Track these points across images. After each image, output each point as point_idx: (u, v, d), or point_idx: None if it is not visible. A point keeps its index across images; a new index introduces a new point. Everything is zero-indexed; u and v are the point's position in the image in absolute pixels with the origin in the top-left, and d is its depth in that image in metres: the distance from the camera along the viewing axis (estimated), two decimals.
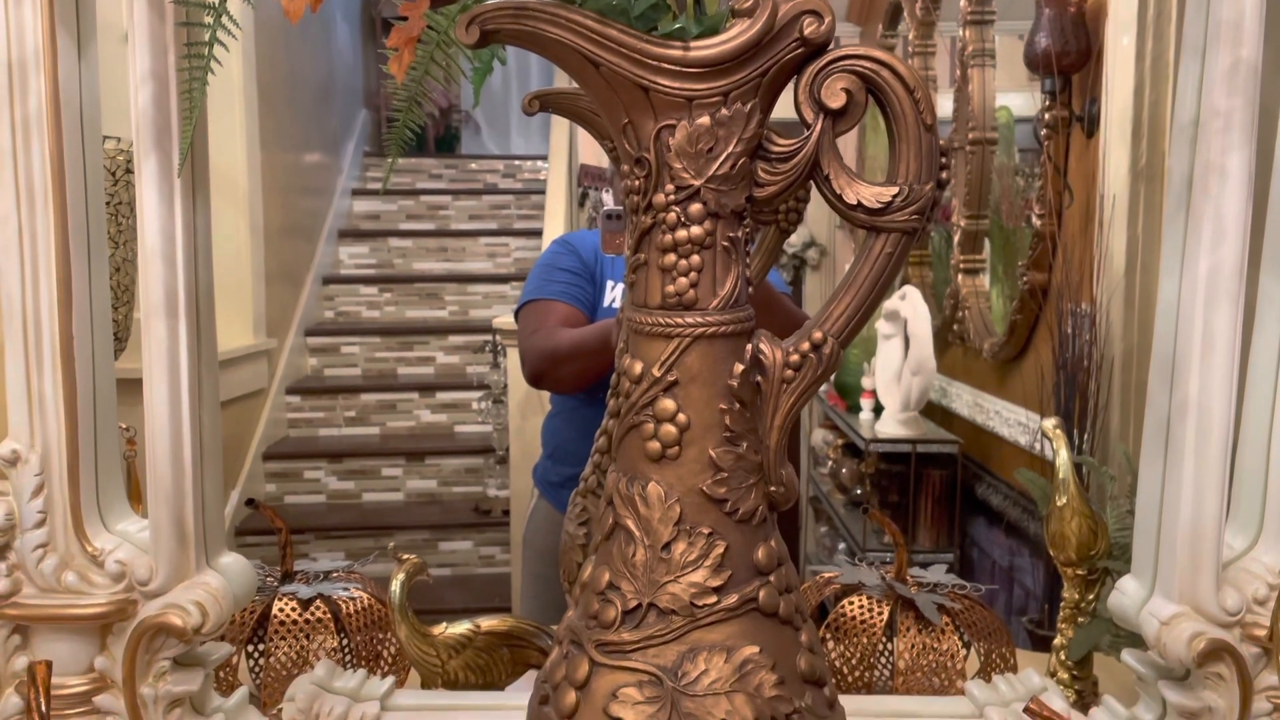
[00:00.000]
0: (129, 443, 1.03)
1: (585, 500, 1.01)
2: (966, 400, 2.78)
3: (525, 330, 1.71)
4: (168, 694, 0.78)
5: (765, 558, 0.59)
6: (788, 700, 0.57)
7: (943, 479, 2.64)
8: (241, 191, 3.53)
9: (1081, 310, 1.98)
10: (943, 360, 2.88)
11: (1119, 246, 1.90)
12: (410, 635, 1.00)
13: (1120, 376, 1.89)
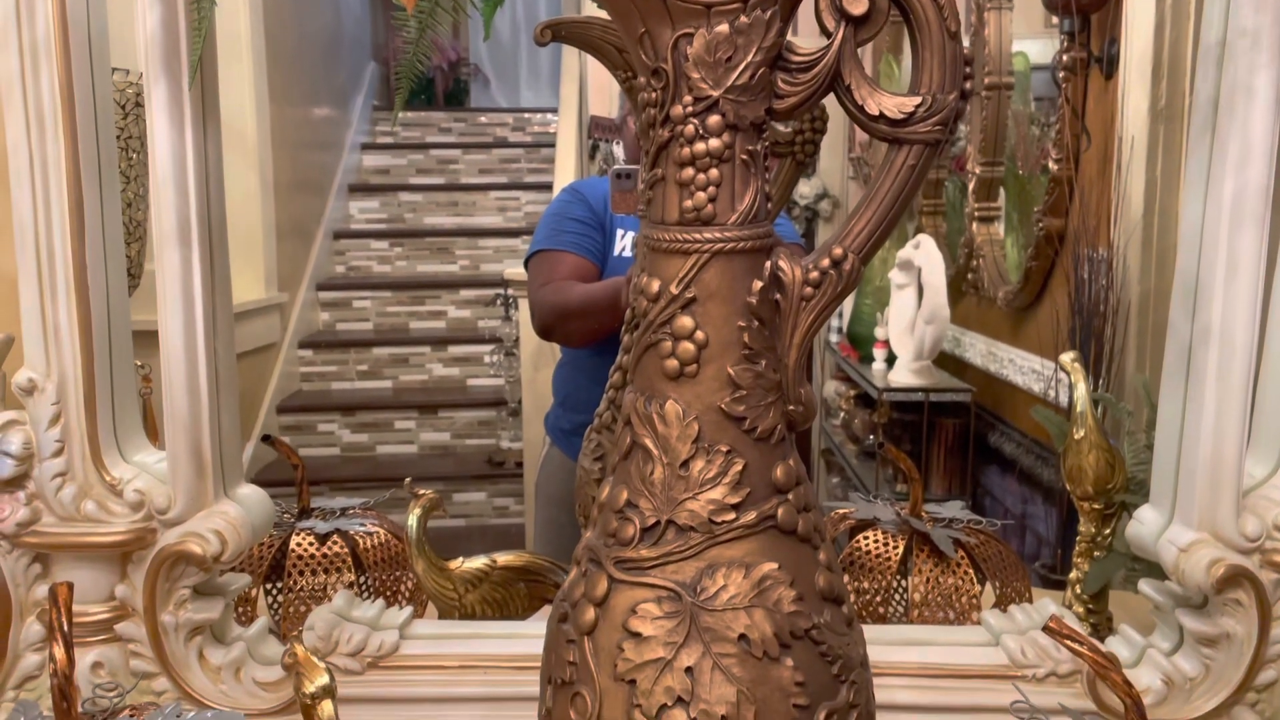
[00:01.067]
0: (144, 380, 1.03)
1: (600, 436, 1.00)
2: (980, 349, 2.77)
3: (535, 281, 1.70)
4: (188, 621, 0.79)
5: (784, 476, 0.58)
6: (806, 616, 0.57)
7: (955, 428, 2.63)
8: (251, 145, 3.51)
9: (1098, 255, 1.97)
10: (956, 310, 2.86)
11: (1137, 189, 1.88)
12: (427, 569, 1.01)
13: (1137, 320, 1.87)
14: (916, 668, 0.80)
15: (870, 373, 2.93)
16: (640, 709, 0.55)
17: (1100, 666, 0.59)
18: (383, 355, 3.87)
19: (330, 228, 4.30)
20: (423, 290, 4.12)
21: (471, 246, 4.34)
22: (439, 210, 4.54)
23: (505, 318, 3.47)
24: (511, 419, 3.49)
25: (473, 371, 3.87)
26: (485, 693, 0.80)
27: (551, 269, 1.68)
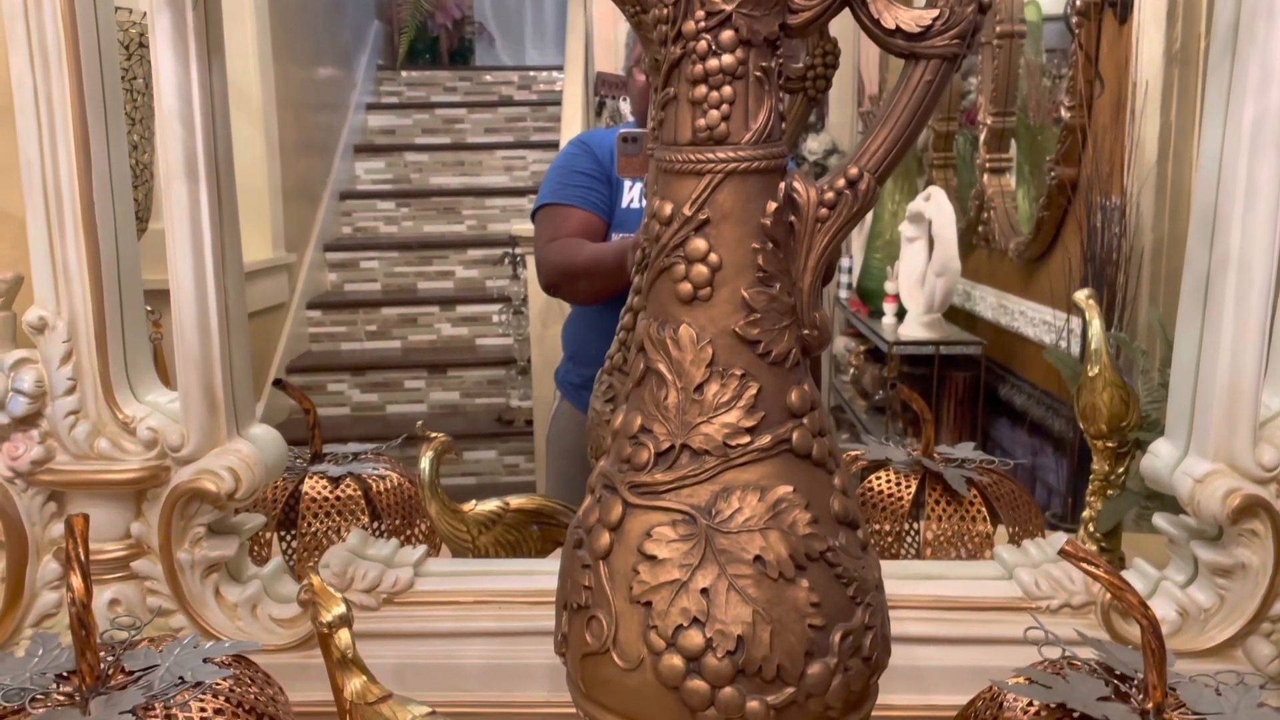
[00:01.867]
0: (155, 326, 1.03)
1: (611, 377, 1.00)
2: (990, 303, 2.76)
3: (541, 237, 1.69)
4: (204, 559, 0.79)
5: (798, 400, 0.58)
6: (821, 538, 0.56)
7: (965, 381, 2.63)
8: (255, 105, 3.50)
9: (1111, 202, 1.95)
10: (966, 263, 2.84)
11: (1151, 135, 1.86)
12: (441, 511, 1.01)
13: (1150, 267, 1.86)
14: (930, 600, 0.81)
15: (880, 327, 2.92)
16: (656, 630, 0.55)
17: (1116, 589, 0.59)
18: (391, 315, 3.87)
19: (336, 188, 4.29)
20: (430, 250, 4.11)
21: (478, 206, 4.33)
22: (445, 170, 4.52)
23: (513, 276, 3.46)
24: (520, 377, 3.50)
25: (481, 331, 3.87)
26: (500, 627, 0.81)
27: (558, 224, 1.67)
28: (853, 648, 0.57)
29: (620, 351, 0.99)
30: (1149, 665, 0.59)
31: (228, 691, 0.62)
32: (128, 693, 0.60)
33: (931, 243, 2.65)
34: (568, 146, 1.83)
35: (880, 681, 0.62)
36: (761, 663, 0.54)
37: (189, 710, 0.59)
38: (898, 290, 2.84)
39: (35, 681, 0.61)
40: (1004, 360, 2.65)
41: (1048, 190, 2.26)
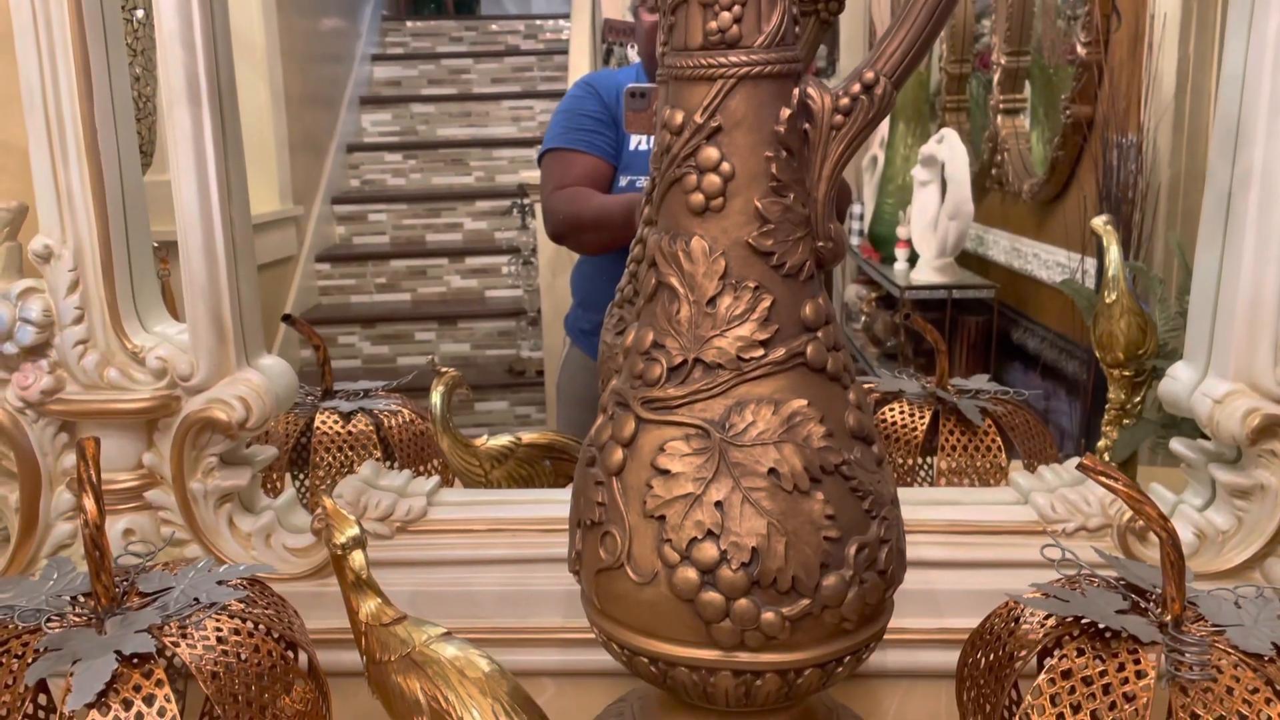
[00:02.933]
0: (162, 262, 1.02)
1: (622, 310, 0.99)
2: (1004, 246, 2.73)
3: (547, 184, 1.67)
4: (216, 489, 0.79)
5: (813, 313, 0.57)
6: (836, 451, 0.56)
7: (978, 325, 2.61)
8: (260, 56, 3.46)
9: (1127, 140, 1.92)
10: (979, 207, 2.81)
11: (1169, 68, 1.82)
12: (453, 446, 1.01)
13: (1166, 204, 1.84)
14: (945, 525, 0.80)
15: (892, 273, 2.90)
16: (670, 544, 0.55)
17: (1134, 501, 0.58)
18: (400, 268, 3.86)
19: (343, 141, 4.26)
20: (438, 202, 4.09)
21: (486, 157, 4.30)
22: (452, 121, 4.48)
23: (522, 226, 3.44)
24: (531, 328, 3.49)
25: (491, 283, 3.86)
26: (513, 555, 0.81)
27: (564, 170, 1.66)
28: (868, 561, 0.56)
29: (630, 284, 0.98)
30: (1167, 578, 0.58)
31: (243, 612, 0.62)
32: (143, 613, 0.60)
33: (944, 186, 2.62)
34: (573, 89, 1.80)
35: (895, 605, 0.61)
36: (776, 574, 0.54)
37: (204, 629, 0.59)
38: (910, 235, 2.82)
39: (50, 603, 0.61)
40: (1017, 304, 2.63)
41: (1062, 129, 2.23)
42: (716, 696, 0.57)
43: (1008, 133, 2.62)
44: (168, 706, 0.55)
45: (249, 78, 3.30)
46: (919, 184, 2.75)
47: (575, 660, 0.80)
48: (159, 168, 0.80)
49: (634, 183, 1.70)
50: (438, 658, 0.62)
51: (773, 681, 0.56)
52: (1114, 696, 0.53)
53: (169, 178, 0.75)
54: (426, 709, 0.61)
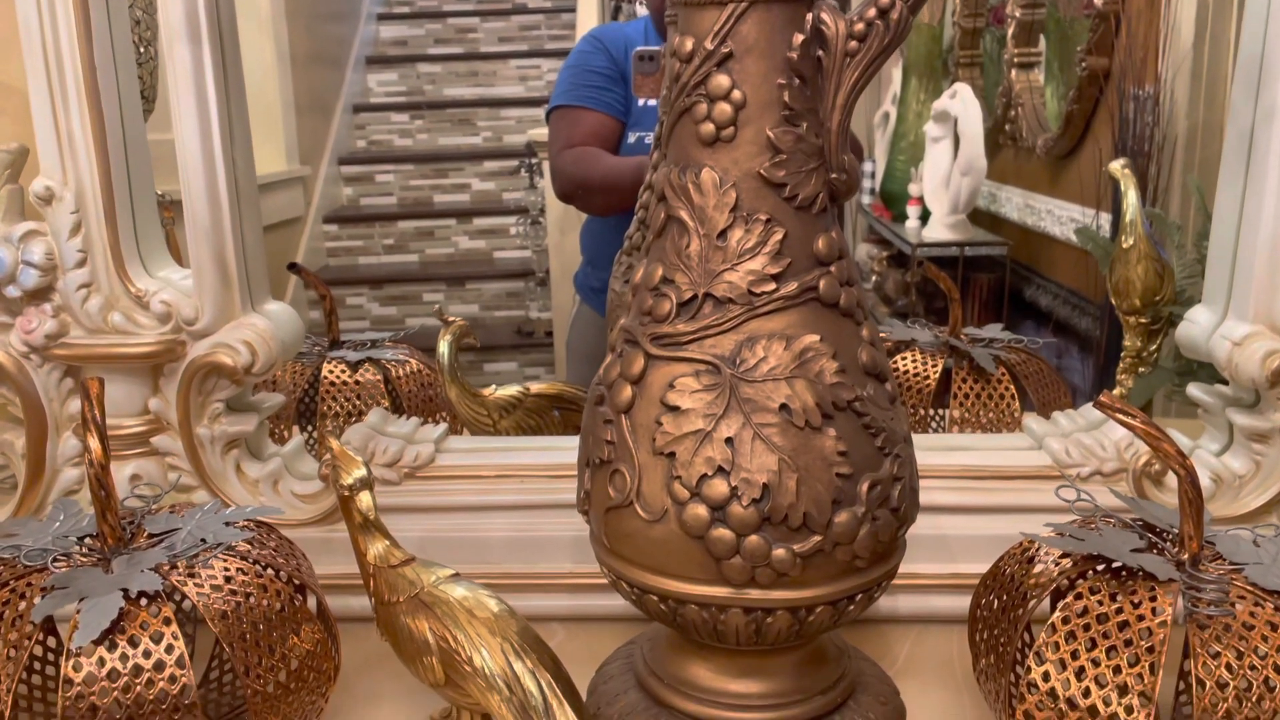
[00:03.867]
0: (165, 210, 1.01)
1: (630, 258, 0.98)
2: (1016, 203, 2.70)
3: (556, 142, 1.66)
4: (223, 434, 0.79)
5: (826, 248, 0.56)
6: (849, 388, 0.55)
7: (990, 283, 2.59)
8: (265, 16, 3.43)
9: (1144, 91, 1.89)
10: (992, 164, 2.78)
11: (1187, 17, 1.79)
12: (461, 396, 1.00)
13: (1183, 156, 1.81)
14: (958, 470, 0.79)
15: (904, 231, 2.87)
16: (680, 480, 0.54)
17: (1152, 438, 0.57)
18: (408, 229, 3.84)
19: (349, 101, 4.22)
20: (445, 163, 4.06)
21: (493, 117, 4.25)
22: (459, 81, 4.43)
23: (530, 186, 3.42)
24: (540, 289, 3.47)
25: (499, 244, 3.83)
26: (521, 500, 0.80)
27: (572, 128, 1.64)
28: (881, 498, 0.55)
29: (639, 231, 0.97)
30: (1185, 515, 0.57)
31: (251, 553, 0.62)
32: (150, 553, 0.60)
33: (957, 142, 2.59)
34: (580, 43, 1.78)
35: (906, 551, 0.61)
36: (788, 510, 0.53)
37: (212, 569, 0.59)
38: (921, 192, 2.79)
39: (57, 544, 0.61)
40: (1029, 261, 2.61)
41: (1078, 82, 2.19)
42: (727, 634, 0.57)
43: (1022, 87, 2.58)
44: (176, 644, 0.55)
45: (254, 37, 3.26)
46: (931, 140, 2.71)
47: (584, 605, 0.79)
48: (164, 127, 0.79)
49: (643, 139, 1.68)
50: (446, 598, 0.62)
51: (783, 619, 0.56)
52: (1130, 633, 0.53)
53: (173, 136, 0.74)
54: (435, 649, 0.61)
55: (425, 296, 3.63)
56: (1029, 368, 0.99)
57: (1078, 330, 2.27)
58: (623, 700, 0.64)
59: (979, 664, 0.63)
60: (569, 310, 2.40)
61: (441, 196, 4.02)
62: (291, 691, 0.59)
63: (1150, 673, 0.52)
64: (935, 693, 0.71)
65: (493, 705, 0.60)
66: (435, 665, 0.61)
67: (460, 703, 0.64)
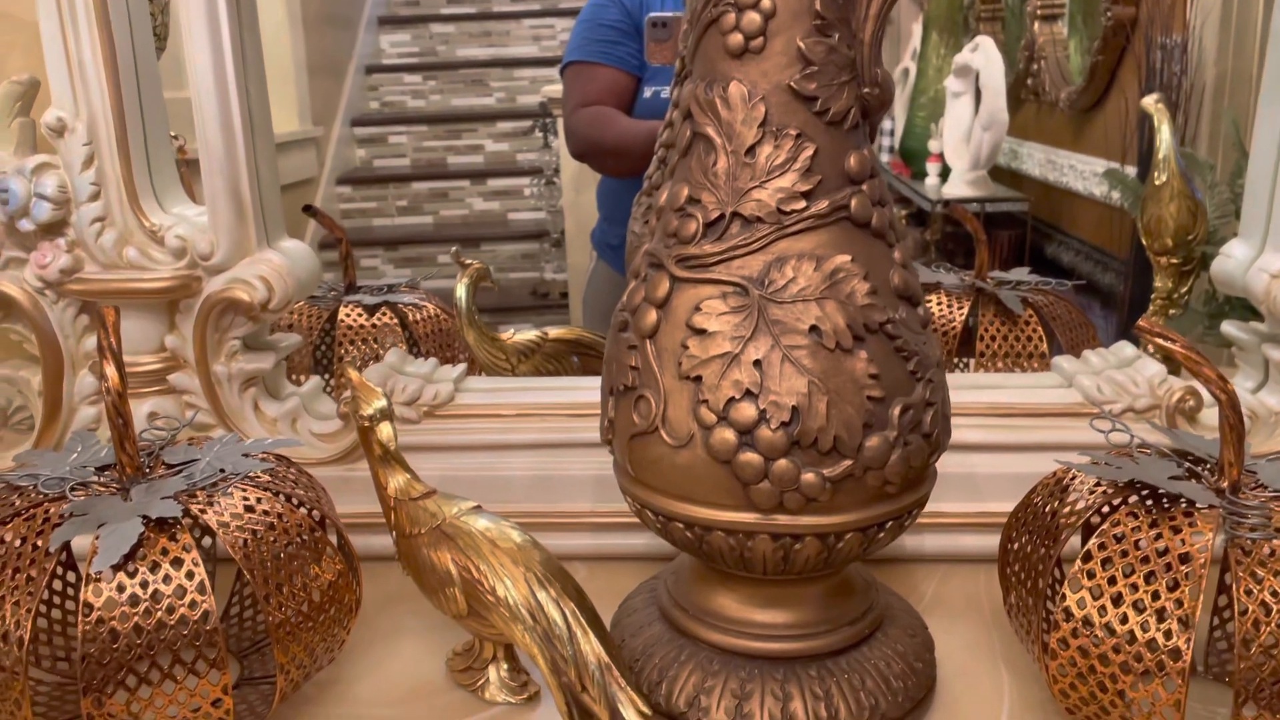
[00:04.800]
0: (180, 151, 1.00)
1: (649, 199, 0.97)
2: (1038, 159, 2.66)
3: (570, 100, 1.64)
4: (241, 372, 0.78)
5: (858, 165, 0.54)
6: (880, 310, 0.53)
7: (1011, 240, 2.56)
8: None
9: (1171, 40, 1.85)
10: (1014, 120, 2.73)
11: None
12: (479, 339, 0.99)
13: (1211, 105, 1.77)
14: (986, 407, 0.78)
15: (923, 188, 2.83)
16: (707, 404, 0.53)
17: (1193, 363, 0.56)
18: (422, 190, 3.82)
19: (361, 62, 4.19)
20: (459, 124, 4.03)
21: (506, 78, 4.21)
22: (472, 41, 4.39)
23: (545, 146, 3.39)
24: (554, 250, 3.45)
25: (513, 205, 3.81)
26: (542, 439, 0.79)
27: (586, 85, 1.62)
28: (912, 423, 0.54)
29: (659, 170, 0.96)
30: (1226, 442, 0.56)
31: (270, 484, 0.61)
32: (169, 481, 0.59)
33: (978, 96, 2.55)
34: None
35: (934, 489, 0.59)
36: (817, 434, 0.52)
37: (232, 498, 0.58)
38: (942, 149, 2.75)
39: (75, 473, 0.60)
40: (1050, 218, 2.57)
41: (1103, 33, 2.15)
42: (754, 562, 0.55)
43: (1044, 40, 2.54)
44: (196, 570, 0.54)
45: None
46: (952, 95, 2.67)
47: (606, 544, 0.79)
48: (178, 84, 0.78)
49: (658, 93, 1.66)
50: (469, 529, 0.61)
51: (812, 545, 0.54)
52: (1169, 559, 0.51)
53: (188, 94, 0.73)
54: (458, 580, 0.60)
55: (440, 258, 3.61)
56: (1056, 309, 0.97)
57: (1100, 286, 2.24)
58: (647, 632, 0.63)
59: (1009, 598, 0.61)
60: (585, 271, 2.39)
61: (455, 158, 4.00)
62: (313, 622, 0.59)
63: (1190, 598, 0.50)
64: (962, 629, 0.70)
65: (516, 635, 0.59)
66: (458, 596, 0.61)
67: (483, 634, 0.63)
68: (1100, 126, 2.24)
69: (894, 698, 0.59)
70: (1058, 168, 2.52)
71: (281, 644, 0.57)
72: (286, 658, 0.57)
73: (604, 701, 0.56)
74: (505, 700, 0.63)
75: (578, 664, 0.57)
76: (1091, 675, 0.53)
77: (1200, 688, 0.63)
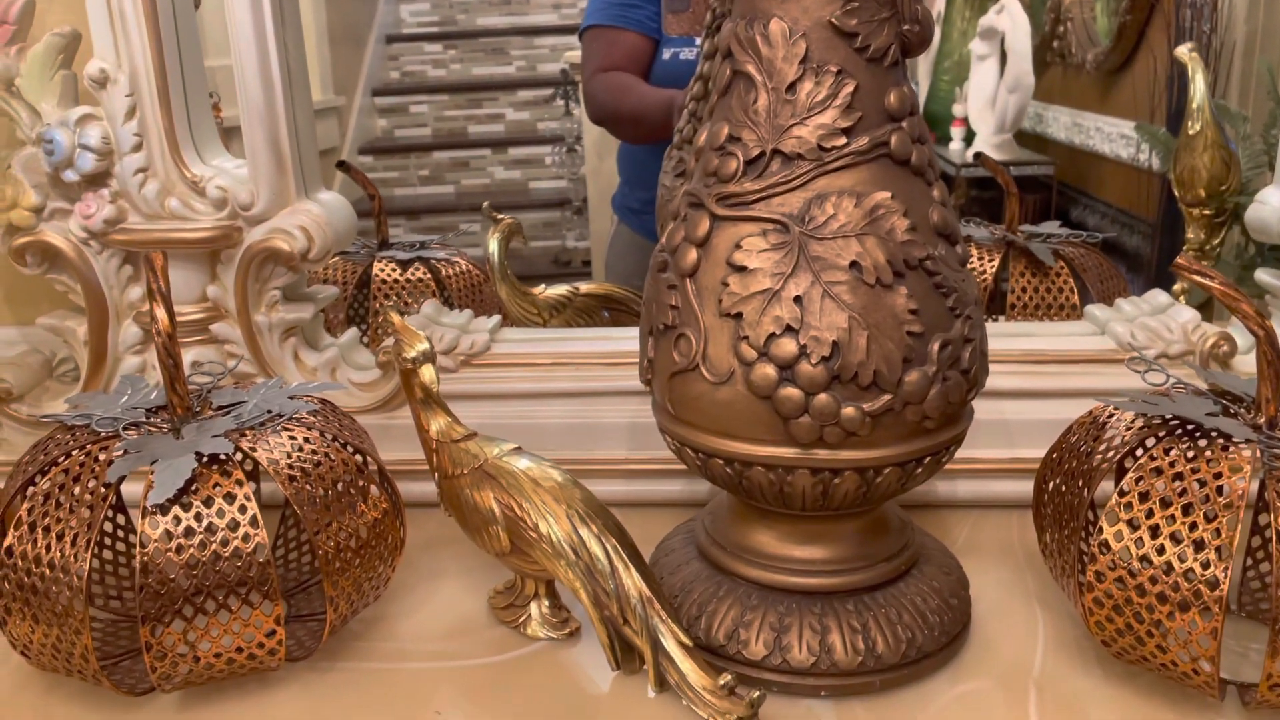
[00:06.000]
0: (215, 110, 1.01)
1: (681, 152, 0.97)
2: (1064, 123, 2.63)
3: (588, 64, 1.65)
4: (281, 321, 0.79)
5: (897, 102, 0.55)
6: (920, 246, 0.54)
7: (1036, 204, 2.52)
8: None
9: None
10: (1039, 83, 2.70)
11: None
12: (511, 294, 1.00)
13: (1241, 63, 1.75)
14: (1019, 354, 0.78)
15: (948, 153, 2.81)
16: (747, 340, 0.53)
17: (1231, 298, 0.56)
18: (443, 160, 3.83)
19: (382, 32, 4.19)
20: (479, 93, 4.03)
21: (527, 46, 4.20)
22: (491, 10, 4.38)
23: (566, 113, 3.38)
24: (576, 218, 3.45)
25: (534, 174, 3.81)
26: (577, 387, 0.80)
27: (604, 50, 1.62)
28: (951, 358, 0.55)
29: (690, 123, 0.96)
30: (1263, 378, 0.56)
31: (316, 424, 0.62)
32: (218, 420, 0.60)
33: (1003, 59, 2.52)
34: None
35: (966, 435, 0.60)
36: (858, 368, 0.52)
37: (280, 436, 0.60)
38: (966, 113, 2.72)
39: (126, 414, 0.61)
40: (1076, 182, 2.55)
41: None
42: (793, 497, 0.56)
43: (1071, 1, 2.50)
44: (249, 505, 0.56)
45: None
46: (977, 58, 2.63)
47: (641, 490, 0.80)
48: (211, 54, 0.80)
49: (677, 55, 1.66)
50: (510, 469, 0.62)
51: (851, 480, 0.55)
52: (1207, 490, 0.52)
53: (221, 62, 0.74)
54: (501, 518, 0.62)
55: (462, 227, 3.62)
56: (1088, 261, 0.97)
57: (1127, 249, 2.22)
58: (685, 570, 0.64)
59: (1044, 536, 0.62)
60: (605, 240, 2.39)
61: (476, 127, 4.00)
62: (360, 558, 0.60)
63: (1228, 528, 0.51)
64: (996, 570, 0.71)
65: (559, 571, 0.60)
66: (501, 534, 0.62)
67: (525, 570, 0.64)
68: (1128, 88, 2.22)
69: (930, 632, 0.59)
70: (1084, 130, 2.50)
71: (331, 578, 0.58)
72: (336, 591, 0.58)
73: (645, 634, 0.58)
74: (547, 636, 0.65)
75: (619, 598, 0.58)
76: (1128, 606, 0.54)
77: (1234, 625, 0.63)
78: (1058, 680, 0.59)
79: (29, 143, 0.77)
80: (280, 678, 0.61)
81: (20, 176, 0.76)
